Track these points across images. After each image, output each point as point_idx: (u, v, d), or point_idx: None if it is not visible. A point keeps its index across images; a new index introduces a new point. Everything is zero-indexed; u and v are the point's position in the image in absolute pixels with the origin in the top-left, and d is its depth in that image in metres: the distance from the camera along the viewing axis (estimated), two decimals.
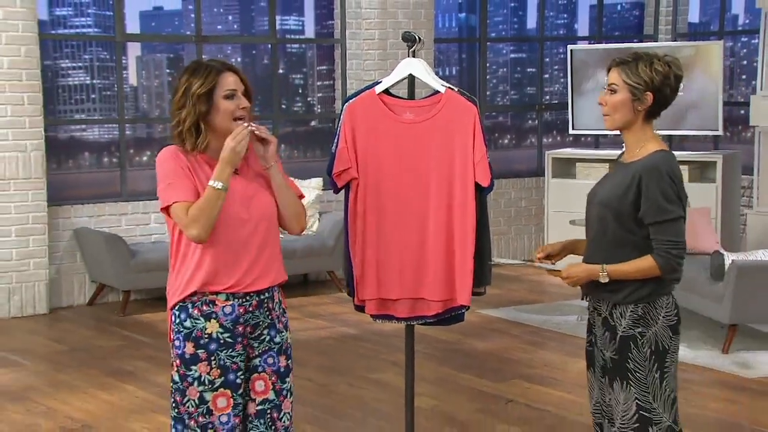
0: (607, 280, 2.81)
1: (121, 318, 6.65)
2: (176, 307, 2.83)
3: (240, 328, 2.83)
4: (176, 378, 2.84)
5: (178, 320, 2.82)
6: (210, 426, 2.81)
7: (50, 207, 6.84)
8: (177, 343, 2.82)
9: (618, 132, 2.92)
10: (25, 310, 6.73)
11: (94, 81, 7.78)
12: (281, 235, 2.95)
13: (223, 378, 2.81)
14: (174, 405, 2.85)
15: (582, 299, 3.00)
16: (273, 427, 2.88)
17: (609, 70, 2.87)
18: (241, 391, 2.84)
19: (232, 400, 2.82)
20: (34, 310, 6.76)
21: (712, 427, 4.51)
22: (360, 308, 3.39)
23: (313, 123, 8.85)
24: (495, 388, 5.04)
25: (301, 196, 2.97)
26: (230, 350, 2.82)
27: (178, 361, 2.83)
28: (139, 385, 5.13)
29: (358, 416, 4.65)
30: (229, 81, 2.77)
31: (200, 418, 2.81)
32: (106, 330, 6.39)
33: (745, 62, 9.73)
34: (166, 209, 2.79)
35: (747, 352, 5.69)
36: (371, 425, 4.54)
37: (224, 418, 2.82)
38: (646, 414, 2.84)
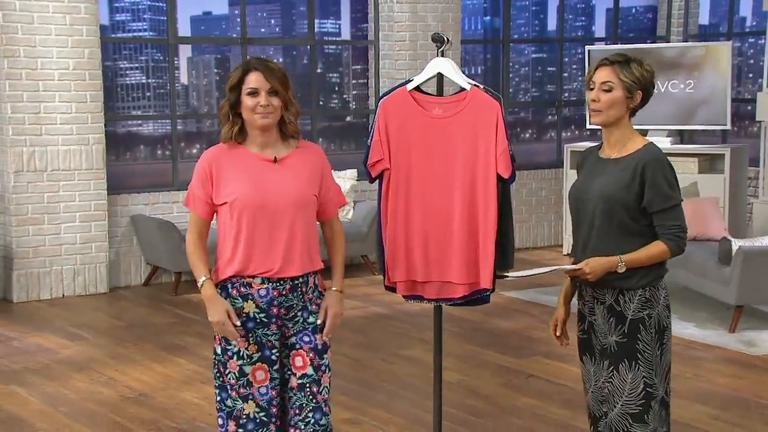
0: (624, 269, 2.75)
1: (174, 297, 6.70)
2: (218, 287, 2.85)
3: (274, 310, 2.83)
4: (218, 351, 2.86)
5: (223, 297, 2.84)
6: (250, 396, 2.83)
7: (110, 195, 6.90)
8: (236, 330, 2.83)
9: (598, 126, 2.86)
10: (87, 289, 6.80)
11: (149, 80, 7.83)
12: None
13: (260, 353, 2.83)
14: (218, 375, 2.87)
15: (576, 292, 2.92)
16: (314, 400, 2.88)
17: (596, 69, 2.79)
18: (276, 366, 2.85)
19: (269, 374, 2.84)
20: (96, 289, 6.83)
21: (720, 401, 4.46)
22: (390, 288, 3.38)
23: (348, 118, 8.83)
24: (517, 364, 5.02)
25: (343, 203, 3.02)
26: (266, 329, 2.83)
27: (219, 336, 2.84)
28: (190, 358, 5.17)
29: (390, 389, 4.65)
30: (251, 79, 2.78)
31: (241, 390, 2.83)
32: (160, 308, 6.44)
33: (752, 61, 9.57)
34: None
35: (752, 331, 5.62)
36: (402, 397, 4.54)
37: (263, 390, 2.84)
38: (649, 390, 2.81)
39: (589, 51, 7.98)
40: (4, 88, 6.47)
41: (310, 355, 2.87)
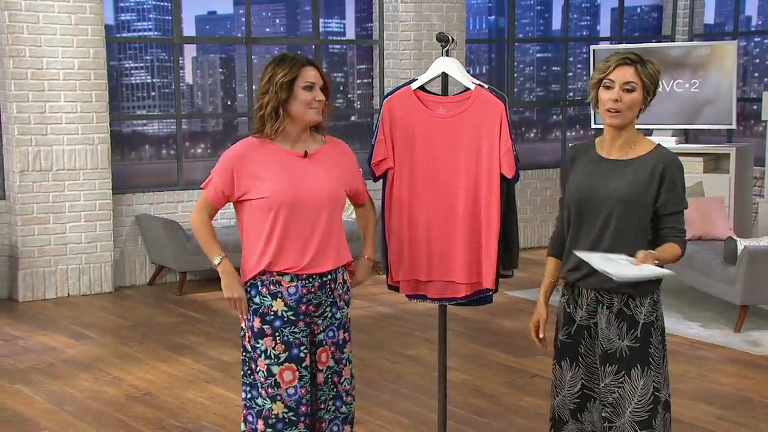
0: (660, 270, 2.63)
1: (178, 297, 6.71)
2: (248, 284, 2.85)
3: (303, 307, 2.84)
4: (248, 348, 2.88)
5: (249, 296, 2.85)
6: (278, 397, 2.84)
7: (115, 195, 6.92)
8: (249, 316, 2.85)
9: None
10: (92, 289, 6.82)
11: (154, 80, 7.84)
12: None
13: (287, 353, 2.83)
14: (248, 372, 2.88)
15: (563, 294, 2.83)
16: (335, 389, 2.92)
17: (616, 67, 2.67)
18: (305, 363, 2.85)
19: (297, 373, 2.84)
20: (101, 288, 6.84)
21: (724, 400, 4.46)
22: (393, 288, 3.38)
23: (353, 118, 8.84)
24: (521, 364, 5.02)
25: (367, 199, 3.08)
26: (293, 327, 2.84)
27: (249, 333, 2.86)
28: (195, 358, 5.18)
29: (395, 388, 4.66)
30: (310, 74, 2.80)
31: (269, 389, 2.84)
32: (165, 307, 6.45)
33: (757, 60, 9.55)
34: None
35: (757, 331, 5.61)
36: (406, 396, 4.54)
37: (291, 390, 2.84)
38: (657, 394, 2.76)
39: (594, 50, 7.97)
40: (9, 87, 6.48)
41: (332, 349, 2.90)
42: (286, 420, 2.84)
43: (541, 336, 2.87)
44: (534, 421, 4.18)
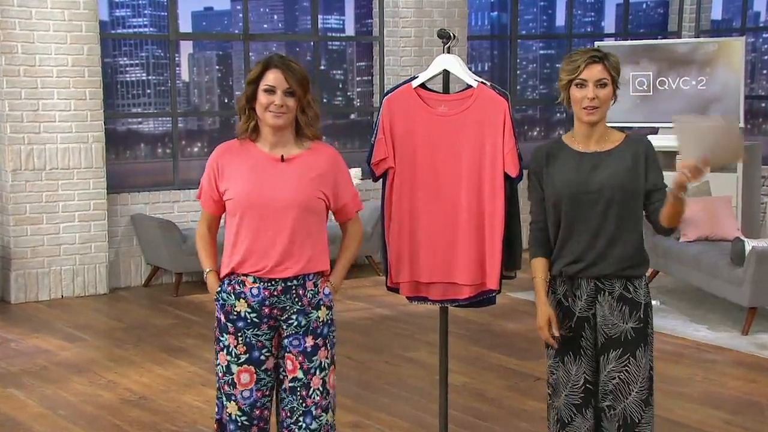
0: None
1: (174, 298, 6.72)
2: (223, 280, 2.90)
3: (266, 310, 2.84)
4: (216, 339, 2.92)
5: (220, 289, 2.89)
6: (233, 397, 2.88)
7: (109, 195, 6.92)
8: (217, 307, 2.89)
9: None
10: (87, 290, 6.82)
11: (150, 77, 7.85)
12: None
13: (248, 355, 2.85)
14: (217, 364, 2.93)
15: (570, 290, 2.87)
16: (304, 404, 2.88)
17: (586, 66, 2.81)
18: (265, 366, 2.87)
19: (255, 376, 2.86)
20: (95, 290, 6.85)
21: (732, 404, 4.46)
22: (393, 289, 3.38)
23: (352, 116, 8.84)
24: (524, 367, 5.02)
25: (359, 208, 3.03)
26: (256, 329, 2.85)
27: (215, 323, 2.91)
28: (191, 360, 5.19)
29: (394, 392, 4.66)
30: (270, 77, 2.78)
31: (225, 387, 2.88)
32: (161, 309, 6.46)
33: (766, 57, 9.55)
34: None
35: (765, 333, 5.61)
36: (407, 400, 4.54)
37: (246, 393, 2.86)
38: (651, 372, 2.91)
39: (598, 47, 7.97)
40: (1, 85, 6.48)
41: (299, 358, 2.86)
42: (239, 423, 2.87)
43: (555, 334, 2.90)
44: (537, 425, 4.18)
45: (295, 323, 2.86)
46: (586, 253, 2.84)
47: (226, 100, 8.71)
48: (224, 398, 2.89)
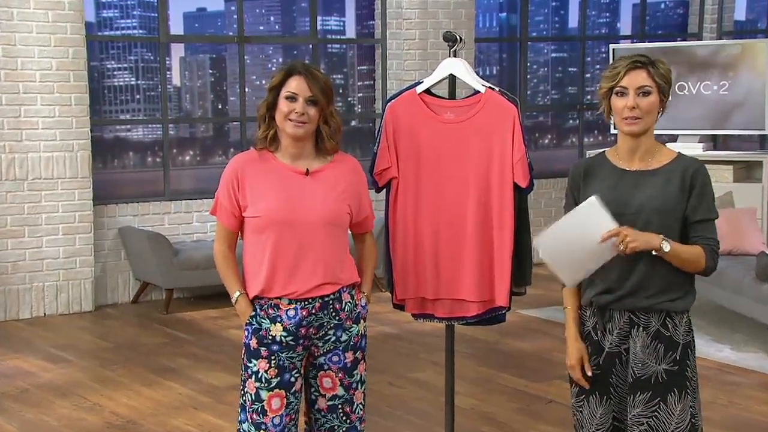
0: (669, 248, 2.63)
1: (164, 316, 6.72)
2: (253, 301, 2.90)
3: (303, 331, 2.86)
4: (243, 366, 2.92)
5: (254, 313, 2.88)
6: (263, 426, 2.87)
7: (96, 206, 6.94)
8: (246, 333, 2.90)
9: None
10: (71, 308, 6.83)
11: (139, 82, 7.88)
12: None
13: (279, 378, 2.86)
14: (242, 393, 2.93)
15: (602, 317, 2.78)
16: (347, 420, 2.94)
17: (627, 72, 2.70)
18: (294, 389, 2.88)
19: (285, 400, 2.88)
20: (81, 307, 6.86)
21: (757, 430, 4.45)
22: (398, 306, 3.39)
23: (353, 123, 8.87)
24: (535, 389, 5.02)
25: (373, 218, 3.06)
26: (291, 352, 2.87)
27: (243, 349, 2.91)
28: (182, 382, 5.19)
29: (398, 415, 4.66)
30: (292, 84, 2.82)
31: (254, 416, 2.87)
32: (150, 327, 6.46)
33: None
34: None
35: None
36: (411, 424, 4.54)
37: (276, 420, 2.87)
38: (694, 421, 2.74)
39: (613, 50, 8.00)
40: None
41: (339, 375, 2.92)
42: None
43: (589, 374, 2.79)
44: None
45: (333, 338, 2.90)
46: (621, 283, 2.70)
47: (219, 106, 8.74)
48: (253, 428, 2.87)
